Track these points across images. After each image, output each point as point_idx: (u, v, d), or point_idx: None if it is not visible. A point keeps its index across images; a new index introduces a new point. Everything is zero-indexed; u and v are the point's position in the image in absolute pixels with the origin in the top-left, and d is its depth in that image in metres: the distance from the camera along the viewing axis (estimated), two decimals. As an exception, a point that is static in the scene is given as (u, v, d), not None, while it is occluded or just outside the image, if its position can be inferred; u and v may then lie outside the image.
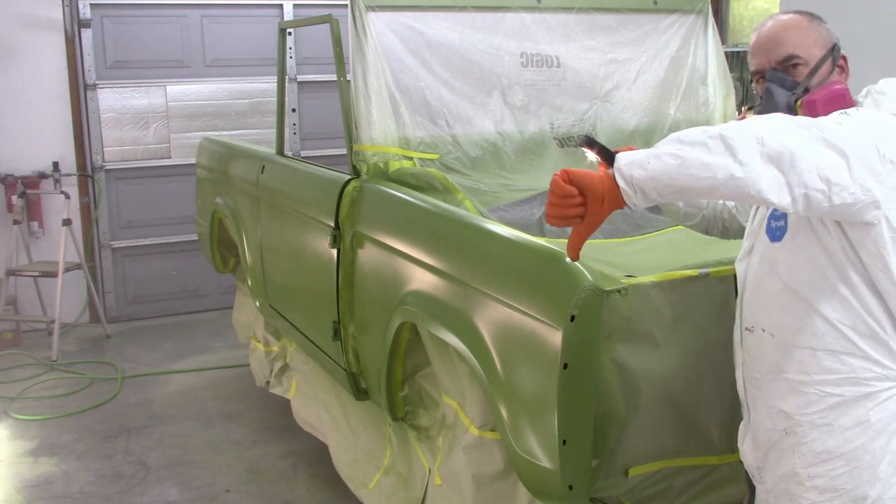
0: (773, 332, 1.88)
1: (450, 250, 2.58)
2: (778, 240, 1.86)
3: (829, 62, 1.92)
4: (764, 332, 1.90)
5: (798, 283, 1.82)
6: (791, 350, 1.85)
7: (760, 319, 1.92)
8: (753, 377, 1.97)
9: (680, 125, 3.90)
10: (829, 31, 1.94)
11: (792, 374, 1.86)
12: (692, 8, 4.01)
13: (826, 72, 1.92)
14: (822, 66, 1.92)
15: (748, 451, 2.02)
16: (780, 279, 1.86)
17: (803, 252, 1.81)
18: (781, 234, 1.86)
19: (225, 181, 4.66)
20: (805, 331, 1.82)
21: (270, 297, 4.19)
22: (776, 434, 1.92)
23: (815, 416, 1.84)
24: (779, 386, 1.89)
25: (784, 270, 1.85)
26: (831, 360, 1.81)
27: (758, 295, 1.92)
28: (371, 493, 3.36)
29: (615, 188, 1.67)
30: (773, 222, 1.89)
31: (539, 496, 2.31)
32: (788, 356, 1.86)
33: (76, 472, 4.15)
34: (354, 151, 3.25)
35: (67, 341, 6.05)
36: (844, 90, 1.90)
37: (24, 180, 6.01)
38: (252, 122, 6.75)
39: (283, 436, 4.47)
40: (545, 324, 2.09)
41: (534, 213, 3.19)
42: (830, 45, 1.93)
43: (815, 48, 1.93)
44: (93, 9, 6.19)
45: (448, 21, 3.50)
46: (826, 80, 1.92)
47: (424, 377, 3.03)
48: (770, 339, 1.89)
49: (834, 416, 1.82)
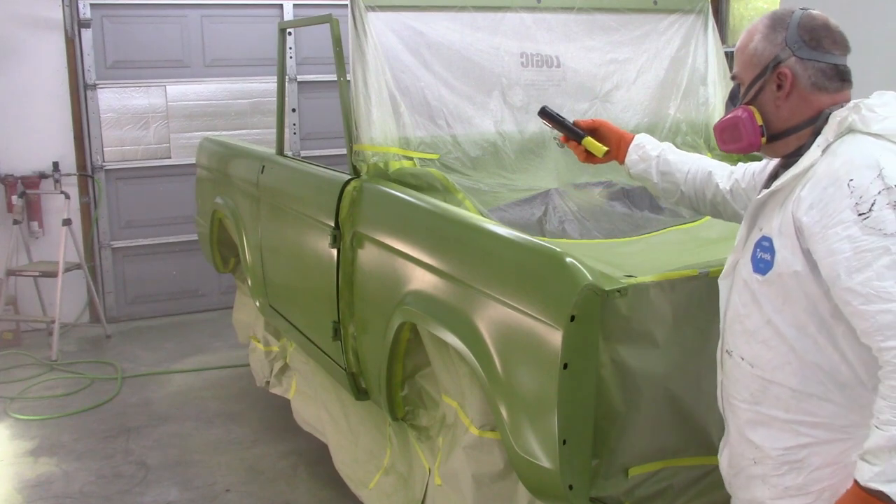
0: (752, 363, 1.85)
1: (450, 250, 2.58)
2: (762, 273, 1.81)
3: (762, 81, 1.84)
4: (743, 361, 1.87)
5: (780, 322, 1.78)
6: (769, 385, 1.82)
7: (740, 347, 1.88)
8: (731, 402, 1.94)
9: (680, 125, 3.91)
10: (777, 44, 1.82)
11: (766, 409, 1.84)
12: (692, 8, 4.00)
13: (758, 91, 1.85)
14: (754, 87, 1.86)
15: (724, 464, 2.03)
16: (762, 313, 1.82)
17: (786, 293, 1.77)
18: (766, 269, 1.80)
19: (225, 181, 4.66)
20: (785, 369, 1.79)
21: (270, 297, 4.19)
22: (745, 461, 1.91)
23: (786, 452, 1.82)
24: (751, 417, 1.87)
25: (766, 305, 1.80)
26: (808, 403, 1.77)
27: (740, 322, 1.88)
28: (371, 493, 3.36)
29: None
30: (760, 253, 1.83)
31: (539, 496, 2.31)
32: (765, 390, 1.83)
33: (76, 472, 4.15)
34: (354, 151, 3.25)
35: (67, 341, 6.05)
36: (735, 120, 1.86)
37: (24, 180, 6.01)
38: (252, 122, 6.75)
39: (283, 436, 4.47)
40: (545, 324, 2.09)
41: (534, 213, 3.19)
42: (764, 64, 1.84)
43: (749, 68, 1.88)
44: (93, 9, 6.19)
45: (448, 21, 3.50)
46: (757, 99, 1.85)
47: (424, 377, 3.03)
48: (748, 368, 1.86)
49: (804, 454, 1.80)
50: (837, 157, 1.70)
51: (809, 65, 1.81)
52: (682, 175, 2.30)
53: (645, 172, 2.34)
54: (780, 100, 1.83)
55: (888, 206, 1.61)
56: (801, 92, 1.82)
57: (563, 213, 3.20)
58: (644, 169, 2.34)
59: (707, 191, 2.27)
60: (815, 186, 1.69)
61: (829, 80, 1.81)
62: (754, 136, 1.86)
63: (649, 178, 2.34)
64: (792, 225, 1.73)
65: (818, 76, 1.81)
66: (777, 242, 1.77)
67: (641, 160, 2.34)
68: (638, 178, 2.37)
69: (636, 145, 2.36)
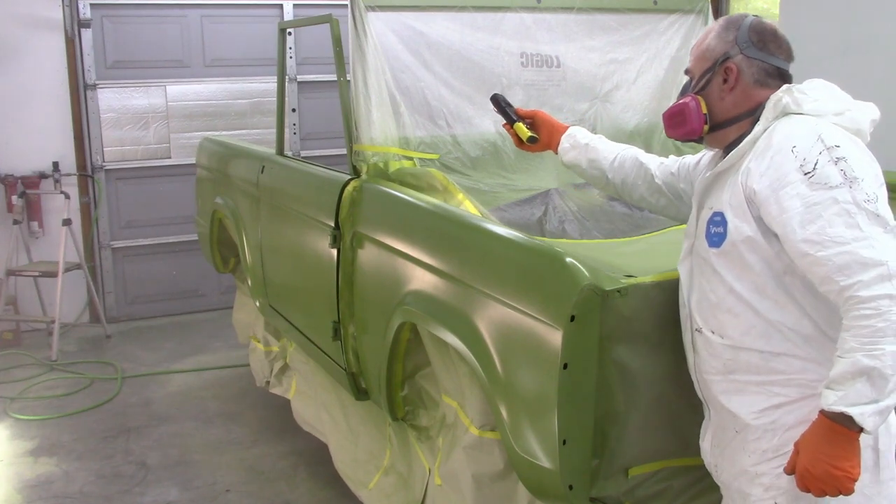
0: (722, 334, 1.95)
1: (450, 250, 2.58)
2: (716, 245, 1.94)
3: (710, 74, 2.02)
4: (713, 334, 1.97)
5: (741, 288, 1.90)
6: (739, 352, 1.93)
7: (708, 321, 1.98)
8: (704, 378, 2.04)
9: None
10: (728, 42, 2.00)
11: (739, 375, 1.94)
12: (692, 8, 4.01)
13: (706, 83, 2.03)
14: (704, 79, 2.04)
15: (707, 448, 2.10)
16: (722, 283, 1.93)
17: (742, 260, 1.89)
18: (720, 241, 1.93)
19: (225, 181, 4.66)
20: (752, 333, 1.90)
21: (270, 297, 4.19)
22: (728, 433, 1.99)
23: (760, 415, 1.91)
24: (727, 387, 1.97)
25: (726, 275, 1.92)
26: (776, 362, 1.89)
27: (705, 298, 1.99)
28: (371, 493, 3.36)
29: None
30: (713, 227, 1.96)
31: (539, 496, 2.31)
32: (736, 357, 1.94)
33: (76, 472, 4.15)
34: (354, 151, 3.25)
35: (67, 341, 6.05)
36: (682, 106, 2.04)
37: (24, 180, 6.01)
38: (252, 122, 6.75)
39: (283, 436, 4.48)
40: (545, 324, 2.09)
41: (534, 213, 3.19)
42: (715, 59, 2.02)
43: (701, 62, 2.06)
44: (93, 9, 6.19)
45: (448, 21, 3.50)
46: (705, 91, 2.03)
47: (424, 377, 3.03)
48: (718, 340, 1.96)
49: (777, 415, 1.90)
50: (777, 132, 1.87)
51: (754, 63, 1.99)
52: (607, 163, 2.48)
53: (575, 160, 2.55)
54: (724, 92, 2.01)
55: (829, 162, 1.77)
56: (744, 86, 2.00)
57: (563, 213, 3.20)
58: (574, 156, 2.54)
59: (638, 180, 2.45)
60: (762, 158, 1.86)
61: (770, 78, 1.99)
62: (698, 123, 2.03)
63: (579, 165, 2.54)
64: (742, 195, 1.88)
65: (761, 74, 1.99)
66: (728, 214, 1.91)
67: (572, 148, 2.55)
68: (569, 165, 2.58)
69: (568, 135, 2.57)
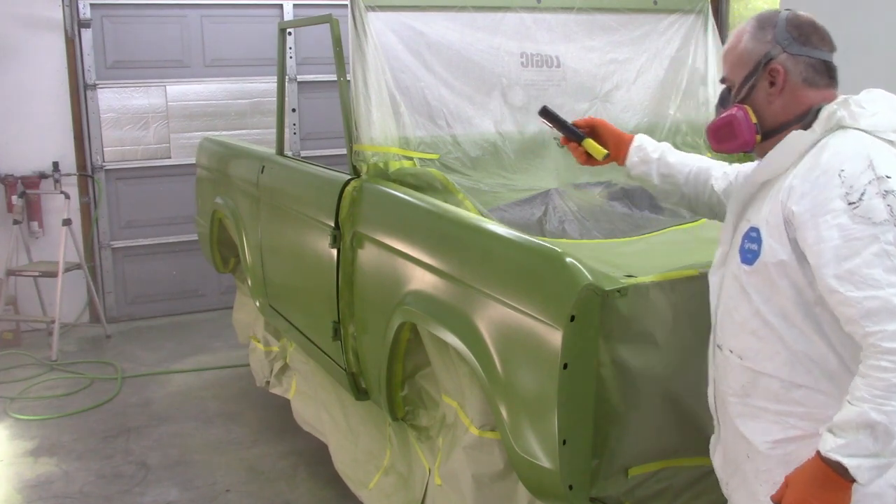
0: (741, 356, 1.86)
1: (450, 250, 2.58)
2: (749, 263, 1.83)
3: (754, 79, 1.87)
4: (731, 354, 1.88)
5: (767, 311, 1.79)
6: (758, 377, 1.83)
7: (729, 340, 1.89)
8: (721, 395, 1.95)
9: (680, 125, 3.91)
10: (767, 41, 1.86)
11: (756, 401, 1.84)
12: (692, 8, 4.01)
13: (750, 89, 1.88)
14: (747, 85, 1.88)
15: (718, 464, 2.03)
16: (750, 303, 1.83)
17: (772, 283, 1.78)
18: (753, 259, 1.82)
19: (225, 181, 4.66)
20: (774, 360, 1.80)
21: (270, 297, 4.19)
22: (739, 456, 1.91)
23: (775, 446, 1.82)
24: (742, 410, 1.88)
25: (754, 296, 1.82)
26: (797, 393, 1.78)
27: (728, 315, 1.90)
28: (371, 493, 3.36)
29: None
30: (748, 243, 1.84)
31: (539, 496, 2.31)
32: (755, 382, 1.84)
33: (76, 472, 4.15)
34: (354, 151, 3.25)
35: (67, 341, 6.05)
36: (730, 118, 1.87)
37: (24, 180, 6.01)
38: (252, 122, 6.75)
39: (283, 436, 4.47)
40: (545, 324, 2.09)
41: (534, 213, 3.19)
42: (756, 61, 1.87)
43: (739, 67, 1.90)
44: (93, 9, 6.19)
45: (448, 21, 3.50)
46: (750, 97, 1.87)
47: (424, 377, 3.03)
48: (738, 361, 1.87)
49: (793, 448, 1.79)
50: (828, 149, 1.73)
51: (800, 60, 1.84)
52: (682, 177, 2.28)
53: (645, 175, 2.31)
54: (772, 96, 1.86)
55: (877, 195, 1.63)
56: (792, 87, 1.85)
57: (563, 213, 3.20)
58: (645, 171, 2.31)
59: (704, 192, 2.27)
60: (806, 177, 1.72)
61: (818, 75, 1.85)
62: (749, 134, 1.87)
63: (650, 180, 2.31)
64: (780, 214, 1.75)
65: (809, 71, 1.85)
66: (764, 231, 1.79)
67: (642, 162, 2.31)
68: (638, 179, 2.34)
69: (637, 147, 2.32)
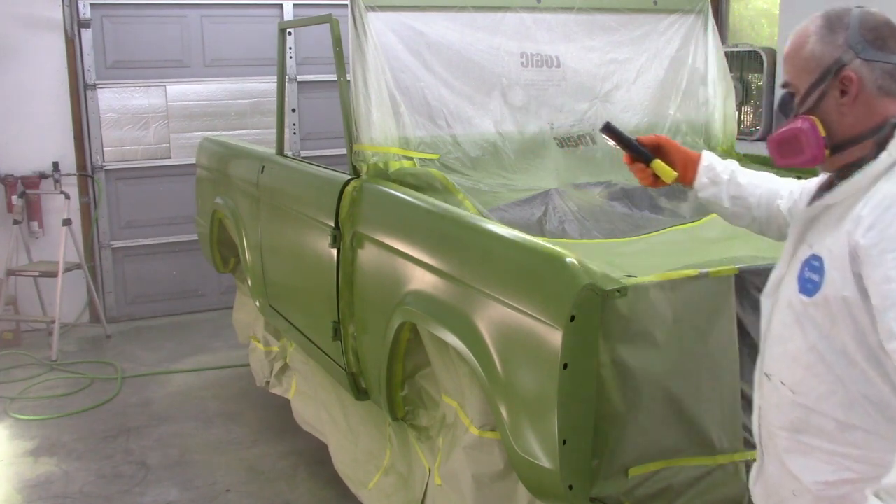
0: (794, 390, 1.71)
1: (450, 250, 2.58)
2: (808, 294, 1.65)
3: (823, 87, 1.66)
4: (783, 386, 1.73)
5: (825, 349, 1.64)
6: (811, 414, 1.68)
7: (782, 372, 1.74)
8: (768, 426, 1.81)
9: (680, 125, 3.91)
10: (838, 46, 1.65)
11: (808, 438, 1.70)
12: (692, 8, 4.01)
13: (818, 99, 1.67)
14: (814, 93, 1.68)
15: (759, 495, 1.90)
16: (805, 337, 1.67)
17: (833, 319, 1.62)
18: (813, 291, 1.64)
19: (225, 181, 4.66)
20: (831, 399, 1.65)
21: (270, 297, 4.19)
22: (785, 492, 1.79)
23: (826, 487, 1.69)
24: (791, 445, 1.74)
25: (811, 330, 1.66)
26: (853, 435, 1.64)
27: (782, 345, 1.74)
28: (371, 493, 3.36)
29: None
30: (808, 272, 1.67)
31: (539, 496, 2.31)
32: (808, 419, 1.69)
33: (76, 472, 4.15)
34: (354, 151, 3.25)
35: (67, 341, 6.05)
36: (796, 131, 1.68)
37: (24, 180, 6.01)
38: (252, 122, 6.75)
39: (283, 436, 4.47)
40: (545, 324, 2.09)
41: (534, 213, 3.19)
42: (825, 68, 1.66)
43: (805, 73, 1.69)
44: (93, 9, 6.19)
45: (448, 21, 3.51)
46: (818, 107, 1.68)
47: (424, 377, 3.03)
48: (790, 395, 1.72)
49: (846, 491, 1.67)
50: None
51: (876, 66, 1.64)
52: (754, 199, 2.08)
53: (715, 197, 2.11)
54: (844, 107, 1.66)
55: None
56: (866, 97, 1.65)
57: (563, 213, 3.20)
58: (715, 193, 2.10)
59: (774, 214, 2.07)
60: (877, 206, 1.55)
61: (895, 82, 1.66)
62: (818, 149, 1.67)
63: (719, 203, 2.11)
64: (846, 245, 1.58)
65: (885, 79, 1.65)
66: (827, 262, 1.62)
67: (712, 183, 2.11)
68: (705, 201, 2.14)
69: (706, 166, 2.11)
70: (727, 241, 2.96)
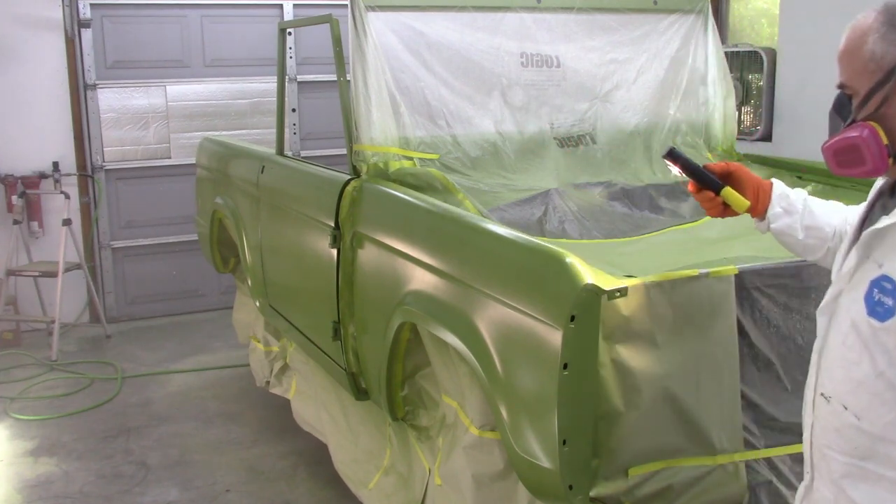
0: (859, 416, 1.59)
1: (450, 250, 2.58)
2: (880, 319, 1.52)
3: (885, 90, 1.52)
4: (846, 411, 1.61)
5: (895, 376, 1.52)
6: (878, 441, 1.57)
7: (845, 397, 1.62)
8: (822, 448, 1.70)
9: (680, 125, 3.91)
10: None
11: (874, 467, 1.59)
12: (692, 8, 4.01)
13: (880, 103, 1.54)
14: (875, 97, 1.54)
15: None
16: (873, 363, 1.55)
17: None
18: (886, 316, 1.51)
19: (225, 181, 4.66)
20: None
21: (270, 297, 4.19)
22: None
23: None
24: (853, 471, 1.63)
25: (880, 356, 1.54)
26: None
27: (844, 369, 1.62)
28: (371, 493, 3.36)
29: None
30: (878, 294, 1.53)
31: (539, 496, 2.31)
32: (874, 447, 1.58)
33: (76, 472, 4.15)
34: (354, 151, 3.25)
35: (67, 341, 6.05)
36: (856, 140, 1.54)
37: (24, 180, 6.01)
38: (252, 122, 6.75)
39: (283, 436, 4.47)
40: (545, 324, 2.09)
41: (534, 213, 3.20)
42: (888, 69, 1.51)
43: (864, 75, 1.55)
44: (93, 9, 6.19)
45: (448, 21, 3.51)
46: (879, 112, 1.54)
47: (424, 377, 3.03)
48: (853, 420, 1.60)
49: None
50: None
51: None
52: (830, 229, 1.93)
53: (789, 228, 1.95)
54: (864, 125, 1.55)
55: None
56: None
57: (563, 213, 3.20)
58: (789, 224, 1.95)
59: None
60: None
61: None
62: (880, 159, 1.54)
63: (793, 234, 1.95)
64: None
65: None
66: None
67: (786, 213, 1.95)
68: (778, 232, 1.97)
69: (780, 195, 1.96)
70: (727, 241, 2.96)
